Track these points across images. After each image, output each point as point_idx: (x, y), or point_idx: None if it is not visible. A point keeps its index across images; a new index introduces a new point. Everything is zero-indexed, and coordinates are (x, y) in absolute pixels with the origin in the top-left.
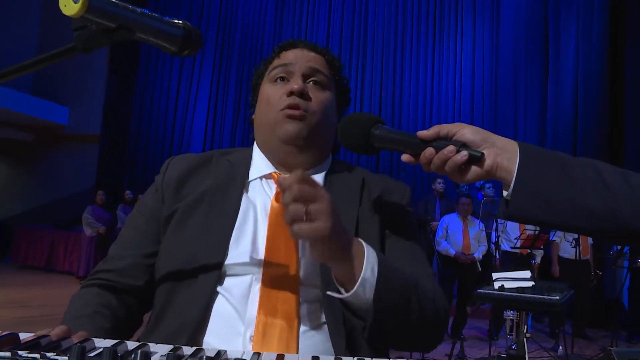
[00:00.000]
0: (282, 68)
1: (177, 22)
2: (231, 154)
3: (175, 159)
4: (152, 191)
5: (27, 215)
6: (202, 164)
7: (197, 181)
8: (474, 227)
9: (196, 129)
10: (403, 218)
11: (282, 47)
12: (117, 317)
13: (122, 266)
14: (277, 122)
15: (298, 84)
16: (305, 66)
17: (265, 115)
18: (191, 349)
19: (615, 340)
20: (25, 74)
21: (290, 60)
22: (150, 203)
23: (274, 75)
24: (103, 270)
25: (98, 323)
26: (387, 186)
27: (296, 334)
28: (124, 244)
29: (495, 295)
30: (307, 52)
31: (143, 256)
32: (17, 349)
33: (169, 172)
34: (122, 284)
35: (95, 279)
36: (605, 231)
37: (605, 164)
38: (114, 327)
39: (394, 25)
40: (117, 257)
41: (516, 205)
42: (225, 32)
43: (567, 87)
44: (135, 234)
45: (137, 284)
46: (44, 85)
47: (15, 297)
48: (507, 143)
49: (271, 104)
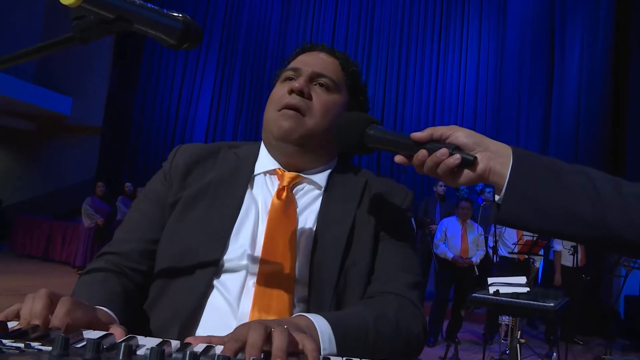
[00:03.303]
0: (290, 71)
1: (176, 15)
2: (239, 147)
3: (183, 147)
4: (160, 177)
5: (26, 205)
6: (210, 155)
7: (203, 171)
8: (472, 231)
9: (198, 124)
10: (399, 222)
11: (300, 50)
12: (126, 286)
13: (127, 250)
14: (273, 120)
15: (299, 83)
16: (313, 68)
17: (267, 113)
18: (178, 343)
19: (609, 348)
20: (24, 62)
21: (301, 62)
22: (157, 188)
23: (285, 76)
24: (108, 252)
25: (110, 286)
26: (389, 189)
27: None
28: (129, 228)
29: (490, 300)
30: (323, 55)
31: (147, 242)
32: (3, 338)
33: (177, 159)
34: (126, 267)
35: (101, 260)
36: (596, 239)
37: (599, 172)
38: (125, 293)
39: (399, 26)
40: (122, 240)
41: (507, 210)
42: (230, 28)
43: (571, 93)
44: (141, 218)
45: (140, 268)
46: (47, 75)
47: (13, 286)
48: (501, 147)
49: (273, 102)
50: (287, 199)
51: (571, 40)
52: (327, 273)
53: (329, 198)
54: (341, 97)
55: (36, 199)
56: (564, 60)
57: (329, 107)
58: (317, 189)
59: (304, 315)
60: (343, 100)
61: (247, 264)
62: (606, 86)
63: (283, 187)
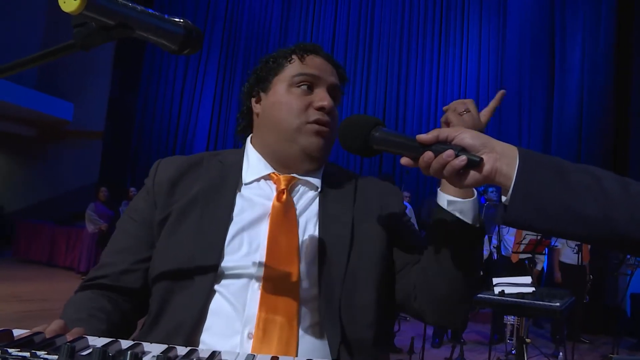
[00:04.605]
0: (308, 77)
1: (177, 21)
2: (222, 155)
3: (163, 162)
4: (143, 195)
5: (29, 210)
6: (194, 166)
7: (190, 183)
8: None
9: (200, 127)
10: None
11: (306, 49)
12: (112, 322)
13: (116, 272)
14: (300, 132)
15: (329, 102)
16: (330, 81)
17: (286, 121)
18: (185, 349)
19: (617, 347)
20: (25, 70)
21: (316, 70)
22: (141, 207)
23: (298, 82)
24: (97, 277)
25: (94, 326)
26: (379, 187)
27: (296, 332)
28: (116, 250)
29: (495, 300)
30: (327, 64)
31: (137, 262)
32: (8, 347)
33: (159, 175)
34: (116, 289)
35: (89, 283)
36: (603, 239)
37: (606, 171)
38: (110, 330)
39: (399, 26)
40: (110, 264)
41: (514, 211)
42: (231, 30)
43: (572, 93)
44: (128, 240)
45: (132, 287)
46: (49, 81)
47: (17, 292)
48: (507, 148)
49: (294, 112)
50: (287, 201)
51: (572, 38)
52: (335, 270)
53: (326, 198)
54: None
55: (39, 204)
56: (564, 58)
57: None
58: (312, 189)
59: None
60: None
61: (251, 267)
62: (608, 85)
63: (282, 190)
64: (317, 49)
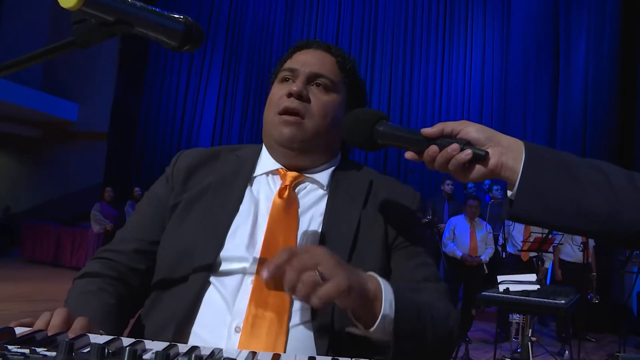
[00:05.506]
0: (288, 71)
1: (177, 17)
2: (240, 150)
3: (185, 152)
4: (162, 181)
5: (34, 211)
6: (210, 158)
7: (204, 174)
8: (481, 229)
9: (204, 127)
10: (412, 226)
11: (296, 47)
12: (120, 295)
13: (126, 249)
14: (273, 124)
15: (297, 86)
16: (310, 69)
17: (266, 115)
18: (186, 347)
19: (623, 346)
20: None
21: (298, 62)
22: (159, 191)
23: (282, 76)
24: (107, 250)
25: (103, 299)
26: (396, 190)
27: (286, 328)
28: (130, 228)
29: (500, 298)
30: (319, 53)
31: (147, 242)
32: (9, 344)
33: (179, 163)
34: (124, 266)
35: (99, 258)
36: (610, 234)
37: (613, 166)
38: (119, 304)
39: (403, 23)
40: (122, 240)
41: (520, 206)
42: (234, 29)
43: (577, 89)
44: (142, 219)
45: (138, 267)
46: (54, 82)
47: (23, 291)
48: (513, 142)
49: (272, 105)
50: (289, 198)
51: (577, 36)
52: None
53: (334, 197)
54: (339, 96)
55: (44, 205)
56: (569, 56)
57: (328, 108)
58: (320, 188)
59: (373, 276)
60: (341, 98)
61: (246, 261)
62: (613, 82)
63: (285, 186)
64: (310, 44)
